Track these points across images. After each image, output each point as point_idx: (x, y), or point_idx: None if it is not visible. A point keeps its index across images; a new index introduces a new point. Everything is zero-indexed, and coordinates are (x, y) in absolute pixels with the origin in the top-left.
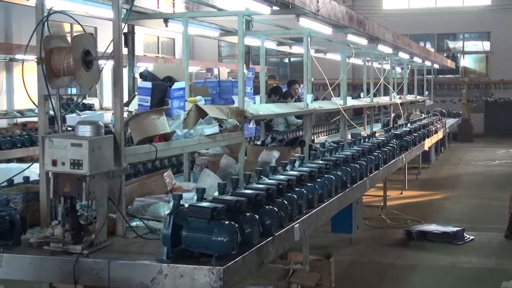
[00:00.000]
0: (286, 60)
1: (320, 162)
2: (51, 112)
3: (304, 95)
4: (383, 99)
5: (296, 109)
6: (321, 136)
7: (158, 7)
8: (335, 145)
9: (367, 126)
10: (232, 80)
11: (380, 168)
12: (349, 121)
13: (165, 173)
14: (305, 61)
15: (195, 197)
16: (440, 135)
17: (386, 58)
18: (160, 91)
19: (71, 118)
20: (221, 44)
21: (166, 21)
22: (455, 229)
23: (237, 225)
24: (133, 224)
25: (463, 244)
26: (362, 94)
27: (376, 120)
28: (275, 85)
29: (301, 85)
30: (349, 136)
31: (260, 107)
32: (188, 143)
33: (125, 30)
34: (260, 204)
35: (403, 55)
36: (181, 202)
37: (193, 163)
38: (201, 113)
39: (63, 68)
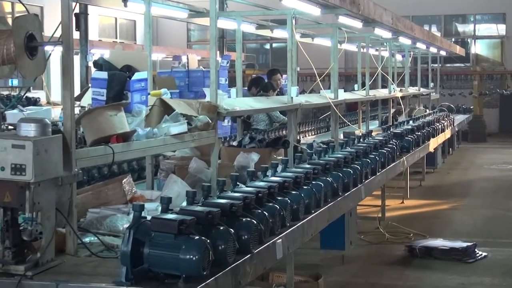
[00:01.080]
0: (267, 46)
1: (307, 166)
2: None
3: (288, 87)
4: (381, 92)
5: (279, 104)
6: (308, 135)
7: None
8: (324, 146)
9: (362, 124)
10: (203, 69)
11: (378, 173)
12: (341, 118)
13: (124, 180)
14: (289, 48)
15: (159, 208)
16: (447, 134)
17: (385, 44)
18: (118, 83)
19: (12, 115)
20: (191, 27)
21: None
22: (465, 244)
23: (208, 240)
24: (86, 240)
25: (474, 262)
26: (356, 86)
27: (372, 116)
28: (255, 75)
29: (284, 76)
30: (341, 136)
31: (236, 101)
32: (151, 144)
33: (77, 10)
34: (236, 216)
35: (404, 41)
36: (143, 214)
37: (157, 167)
38: (166, 109)
39: (2, 56)
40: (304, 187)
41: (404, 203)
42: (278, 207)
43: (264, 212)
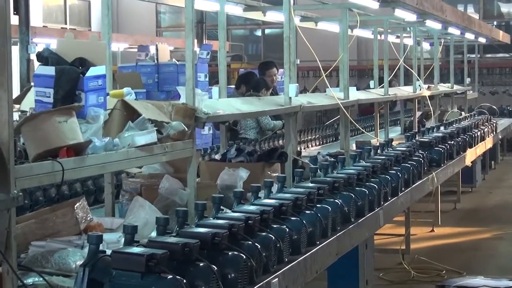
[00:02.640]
0: (258, 33)
1: (310, 185)
2: None
3: (285, 85)
4: (404, 91)
5: (274, 106)
6: (312, 146)
7: None
8: (332, 159)
9: (380, 131)
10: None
11: (400, 194)
12: (353, 124)
13: (77, 204)
14: (286, 35)
15: (122, 240)
16: (489, 143)
17: (408, 29)
18: (69, 81)
19: None
20: (160, 9)
21: None
22: None
23: (185, 281)
24: (29, 281)
25: None
26: (372, 84)
27: (393, 122)
28: (244, 70)
29: (281, 70)
30: (354, 146)
31: (219, 103)
32: (111, 158)
33: None
34: (220, 249)
35: (432, 25)
36: (101, 248)
37: (119, 188)
38: (130, 113)
39: None
40: (307, 211)
41: (434, 232)
42: (273, 238)
43: (256, 244)
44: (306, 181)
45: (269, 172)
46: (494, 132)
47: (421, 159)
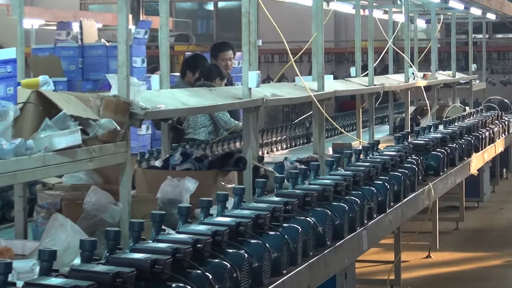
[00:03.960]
0: (210, 7)
1: (275, 199)
2: None
3: (243, 73)
4: (394, 80)
5: (230, 99)
6: (277, 149)
7: None
8: (303, 167)
9: (364, 131)
10: (107, 44)
11: (388, 210)
12: (329, 122)
13: None
14: (244, 9)
15: (37, 269)
16: (499, 146)
17: (398, 2)
18: None
19: None
20: None
21: None
22: None
23: None
24: None
25: None
26: (353, 71)
27: (380, 119)
28: (191, 53)
29: (238, 54)
30: (330, 150)
31: (160, 95)
32: (23, 165)
33: None
34: (162, 279)
35: None
36: (10, 278)
37: (33, 203)
38: (47, 108)
39: None
40: (271, 233)
41: (431, 258)
42: (228, 266)
43: (207, 273)
44: (270, 195)
45: (223, 183)
46: (506, 133)
47: (414, 167)
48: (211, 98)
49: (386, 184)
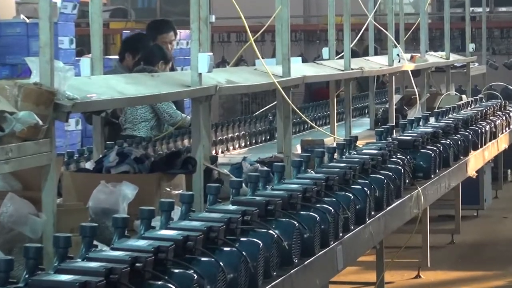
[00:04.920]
0: None
1: (231, 208)
2: None
3: (192, 55)
4: (375, 63)
5: (176, 88)
6: (234, 148)
7: None
8: (264, 168)
9: (339, 125)
10: (27, 21)
11: (368, 221)
12: (297, 114)
13: None
14: None
15: None
16: (503, 143)
17: None
18: None
19: None
20: None
21: None
22: None
23: None
24: None
25: None
26: (326, 52)
27: (359, 110)
28: (129, 33)
29: (184, 32)
30: (298, 148)
31: (92, 83)
32: None
33: None
34: None
35: None
36: None
37: None
38: None
39: None
40: (225, 249)
41: (421, 278)
42: None
43: None
44: (224, 203)
45: (168, 189)
46: (511, 126)
47: (400, 168)
48: (153, 85)
49: (366, 189)
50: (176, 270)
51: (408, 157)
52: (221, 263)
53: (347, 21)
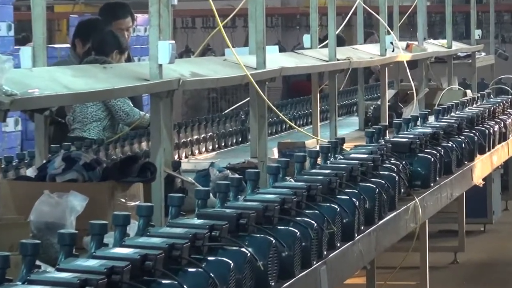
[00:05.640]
0: None
1: (197, 223)
2: None
3: (150, 44)
4: (364, 52)
5: (132, 81)
6: (200, 152)
7: None
8: (236, 176)
9: (323, 125)
10: None
11: (357, 237)
12: (274, 113)
13: None
14: None
15: None
16: None
17: None
18: None
19: None
20: None
21: None
22: None
23: None
24: None
25: None
26: (307, 40)
27: (346, 108)
28: (79, 18)
29: (141, 17)
30: (275, 152)
31: (34, 76)
32: None
33: None
34: None
35: None
36: None
37: None
38: None
39: None
40: (190, 270)
41: None
42: None
43: None
44: (189, 216)
45: (123, 200)
46: None
47: (394, 175)
48: (105, 79)
49: (354, 199)
50: None
51: (404, 162)
52: (185, 286)
53: (332, 4)
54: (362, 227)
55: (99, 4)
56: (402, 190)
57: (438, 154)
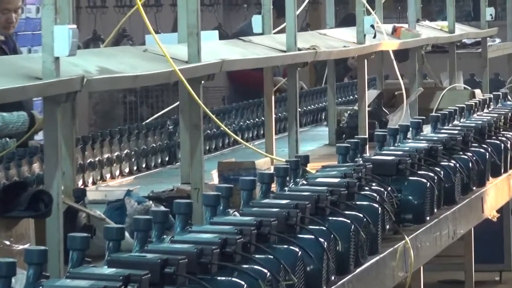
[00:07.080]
0: None
1: (107, 272)
2: None
3: (43, 30)
4: (336, 39)
5: (18, 81)
6: (114, 176)
7: None
8: (161, 209)
9: (279, 138)
10: None
11: None
12: (212, 122)
13: None
14: None
15: None
16: None
17: None
18: None
19: None
20: None
21: None
22: None
23: None
24: None
25: None
26: (257, 22)
27: (313, 113)
28: None
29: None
30: (215, 177)
31: None
32: None
33: None
34: None
35: None
36: None
37: None
38: None
39: None
40: None
41: None
42: None
43: None
44: (97, 264)
45: (8, 242)
46: None
47: (376, 207)
48: None
49: (322, 240)
50: None
51: (390, 189)
52: None
53: None
54: (333, 278)
55: None
56: (388, 227)
57: (436, 178)
